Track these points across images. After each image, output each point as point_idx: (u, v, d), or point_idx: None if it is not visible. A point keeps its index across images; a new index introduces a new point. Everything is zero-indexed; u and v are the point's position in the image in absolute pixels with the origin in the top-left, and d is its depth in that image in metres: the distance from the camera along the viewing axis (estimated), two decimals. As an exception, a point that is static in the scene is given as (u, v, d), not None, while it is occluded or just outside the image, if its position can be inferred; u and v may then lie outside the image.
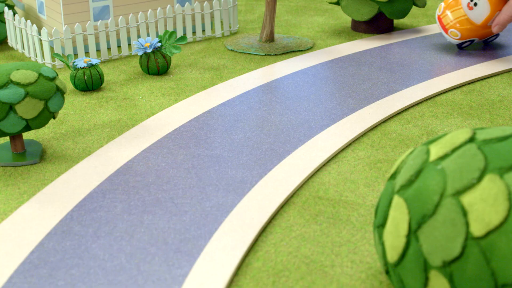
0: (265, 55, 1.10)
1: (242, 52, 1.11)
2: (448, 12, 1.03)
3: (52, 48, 1.15)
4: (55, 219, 0.64)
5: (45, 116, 0.74)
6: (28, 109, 0.72)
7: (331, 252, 0.60)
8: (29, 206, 0.66)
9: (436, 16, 1.07)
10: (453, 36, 1.03)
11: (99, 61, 0.96)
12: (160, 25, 1.13)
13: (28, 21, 1.05)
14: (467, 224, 0.44)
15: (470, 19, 1.00)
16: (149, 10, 1.11)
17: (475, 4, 0.99)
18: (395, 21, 1.28)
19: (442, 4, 1.06)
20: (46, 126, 0.85)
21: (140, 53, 1.01)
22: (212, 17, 1.26)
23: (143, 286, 0.55)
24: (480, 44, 1.10)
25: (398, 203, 0.49)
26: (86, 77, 0.95)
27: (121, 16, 1.08)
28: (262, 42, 1.15)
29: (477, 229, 0.44)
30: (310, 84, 0.96)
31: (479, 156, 0.46)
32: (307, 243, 0.61)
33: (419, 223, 0.46)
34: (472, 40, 1.04)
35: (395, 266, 0.49)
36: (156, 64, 1.01)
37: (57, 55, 0.98)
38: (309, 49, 1.13)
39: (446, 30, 1.04)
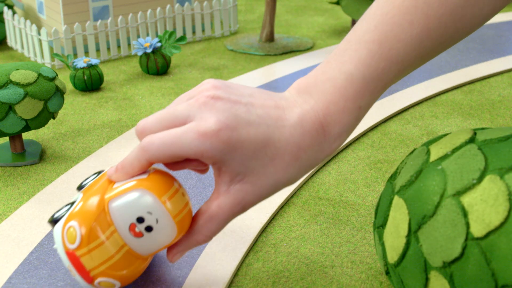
0: (265, 55, 1.10)
1: (242, 52, 1.11)
2: (92, 246, 0.50)
3: (51, 48, 1.15)
4: (54, 220, 0.64)
5: (45, 116, 0.74)
6: (28, 109, 0.72)
7: (331, 252, 0.60)
8: (29, 207, 0.66)
9: (65, 252, 0.50)
10: (106, 287, 0.52)
11: (99, 61, 0.96)
12: (160, 25, 1.12)
13: (28, 21, 1.05)
14: (467, 225, 0.44)
15: (135, 251, 0.52)
16: (149, 10, 1.11)
17: (149, 229, 0.50)
18: (395, 21, 1.28)
19: (77, 232, 0.50)
20: (46, 126, 0.85)
21: (140, 53, 1.00)
22: (212, 17, 1.26)
23: (143, 286, 0.55)
24: None
25: (398, 203, 0.49)
26: (85, 77, 0.95)
27: (120, 16, 1.08)
28: (262, 42, 1.14)
29: (477, 230, 0.44)
30: (310, 84, 0.96)
31: (479, 157, 0.46)
32: (307, 243, 0.61)
33: (419, 224, 0.46)
34: None
35: (395, 266, 0.49)
36: (156, 64, 1.01)
37: (57, 55, 0.98)
38: (309, 49, 1.13)
39: (90, 280, 0.51)
